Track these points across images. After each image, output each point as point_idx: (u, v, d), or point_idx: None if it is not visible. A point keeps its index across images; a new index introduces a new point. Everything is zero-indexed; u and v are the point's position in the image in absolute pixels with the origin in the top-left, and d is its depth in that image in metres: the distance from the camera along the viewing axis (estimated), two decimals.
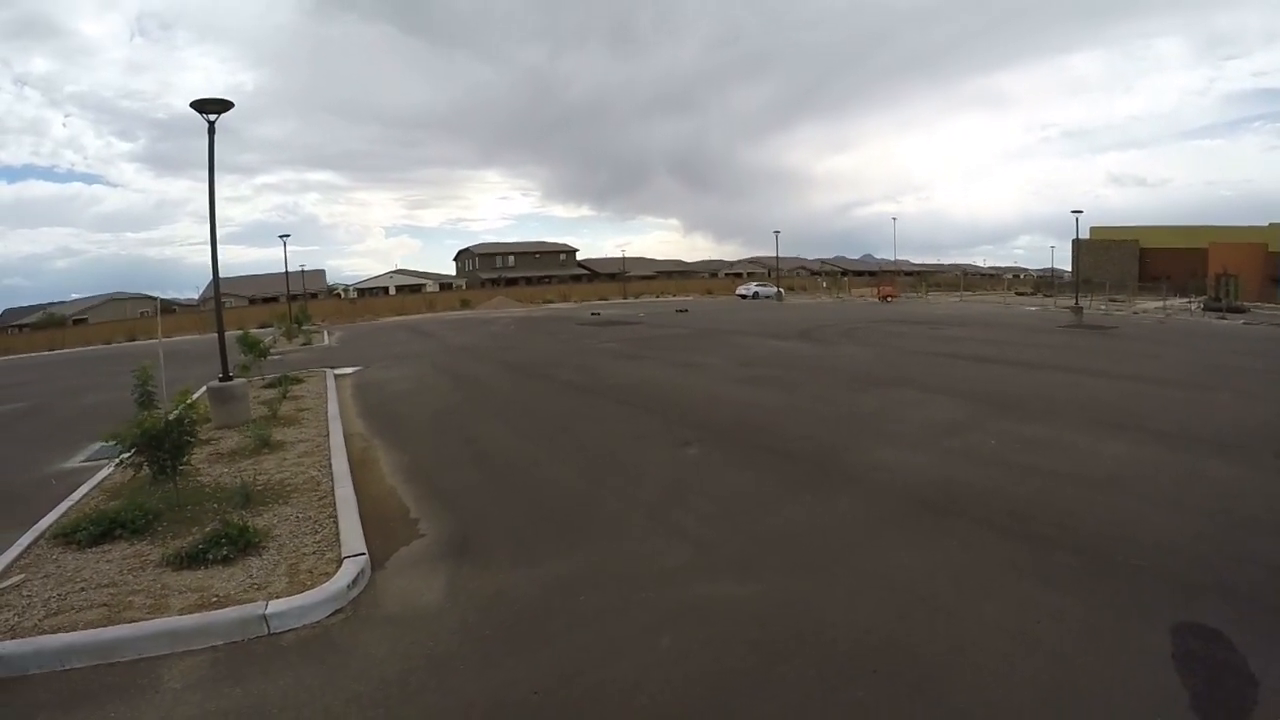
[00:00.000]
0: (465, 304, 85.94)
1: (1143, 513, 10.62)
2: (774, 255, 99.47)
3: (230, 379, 17.07)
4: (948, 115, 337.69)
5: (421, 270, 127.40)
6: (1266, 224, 78.99)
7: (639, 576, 8.40)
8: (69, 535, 9.35)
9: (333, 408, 18.12)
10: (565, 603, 7.75)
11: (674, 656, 6.65)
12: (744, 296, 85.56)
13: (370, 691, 6.07)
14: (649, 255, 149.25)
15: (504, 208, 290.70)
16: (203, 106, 16.21)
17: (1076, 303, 55.12)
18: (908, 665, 6.57)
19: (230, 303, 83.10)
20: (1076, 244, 73.35)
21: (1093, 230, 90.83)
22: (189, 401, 13.28)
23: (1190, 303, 63.61)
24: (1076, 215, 64.78)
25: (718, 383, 22.43)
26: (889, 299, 79.36)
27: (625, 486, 11.91)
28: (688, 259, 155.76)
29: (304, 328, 51.81)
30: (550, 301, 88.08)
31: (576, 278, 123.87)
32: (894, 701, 6.00)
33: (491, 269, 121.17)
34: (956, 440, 14.66)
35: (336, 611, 7.49)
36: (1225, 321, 50.54)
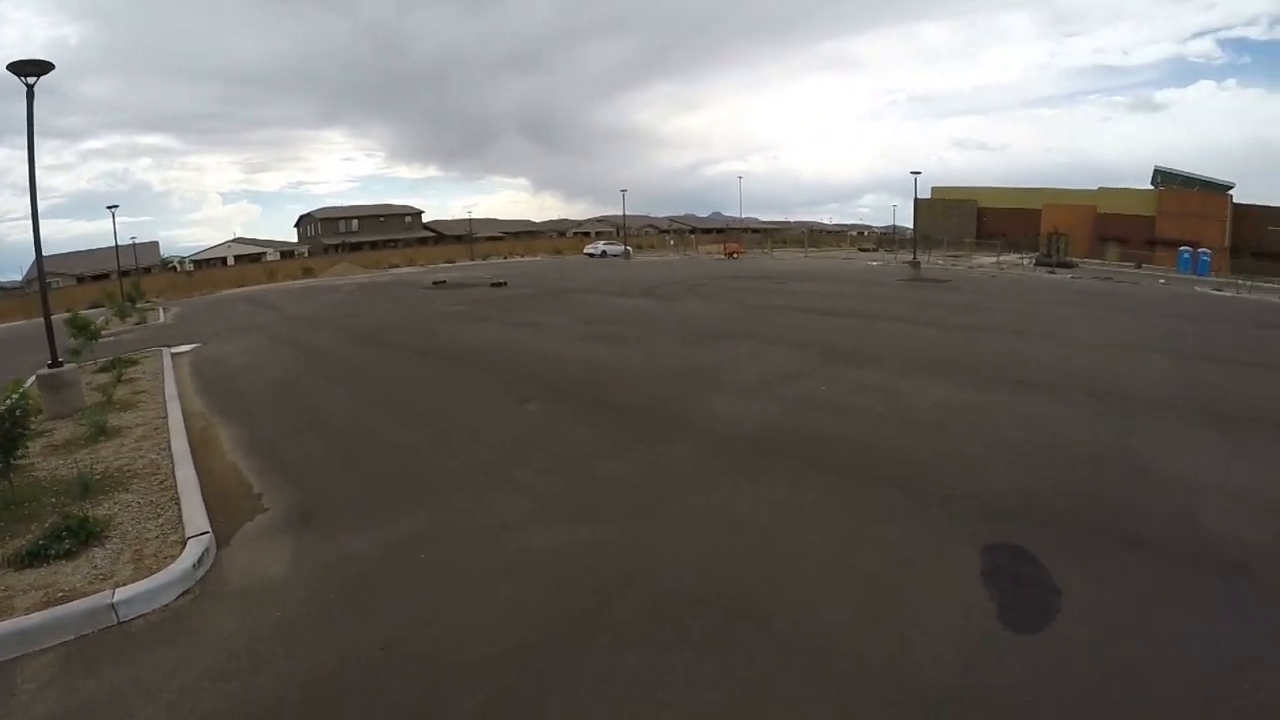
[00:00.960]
0: (308, 272, 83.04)
1: (960, 448, 11.56)
2: (622, 214, 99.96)
3: (60, 365, 16.08)
4: (798, 77, 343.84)
5: (262, 238, 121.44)
6: (1096, 188, 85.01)
7: (478, 531, 8.74)
8: None
9: (170, 388, 17.50)
10: (407, 562, 8.01)
11: (512, 603, 7.03)
12: (592, 255, 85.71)
13: (221, 665, 6.16)
14: (497, 216, 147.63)
15: (347, 170, 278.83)
16: (21, 69, 14.79)
17: (915, 258, 57.69)
18: (734, 597, 7.14)
19: (57, 282, 77.23)
20: (917, 203, 76.82)
21: (933, 190, 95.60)
22: (21, 392, 12.76)
23: (1023, 258, 68.44)
24: (916, 175, 67.63)
25: (560, 341, 22.74)
26: (735, 256, 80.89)
27: (465, 446, 12.16)
28: (536, 219, 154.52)
29: (138, 305, 49.11)
30: (395, 266, 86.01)
31: (423, 240, 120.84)
32: (721, 629, 6.56)
33: (334, 234, 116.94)
34: (789, 388, 15.45)
35: (184, 592, 7.48)
36: (1055, 275, 54.51)
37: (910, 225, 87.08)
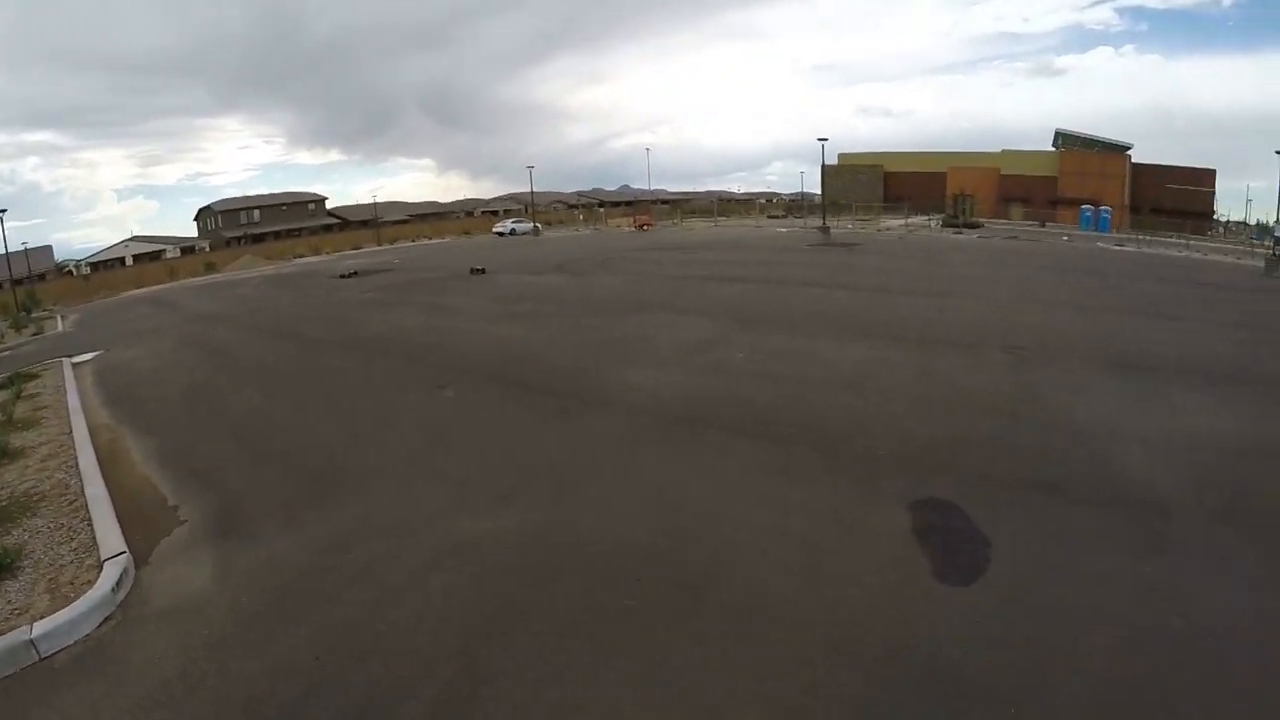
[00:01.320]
0: (210, 267, 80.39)
1: (881, 408, 11.85)
2: (529, 191, 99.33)
3: None
4: (704, 48, 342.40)
5: (161, 235, 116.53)
6: (1000, 150, 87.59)
7: (404, 523, 8.65)
8: None
9: (73, 400, 16.81)
10: (335, 561, 7.85)
11: (447, 596, 6.98)
12: (501, 234, 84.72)
13: (152, 693, 5.92)
14: (403, 199, 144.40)
15: (246, 158, 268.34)
16: None
17: (824, 223, 58.79)
18: (669, 569, 7.24)
19: None
20: (825, 169, 78.04)
21: (840, 156, 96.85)
22: None
23: (930, 220, 70.47)
24: (823, 142, 69.01)
25: (473, 323, 22.55)
26: (645, 228, 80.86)
27: (384, 437, 12.02)
28: (443, 200, 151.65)
29: (34, 315, 46.59)
30: (301, 255, 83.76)
31: (328, 228, 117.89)
32: (659, 603, 6.65)
33: (236, 226, 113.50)
34: (707, 357, 15.63)
35: (106, 619, 7.12)
36: (961, 236, 56.22)
37: (818, 191, 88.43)
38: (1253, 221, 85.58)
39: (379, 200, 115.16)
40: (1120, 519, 8.05)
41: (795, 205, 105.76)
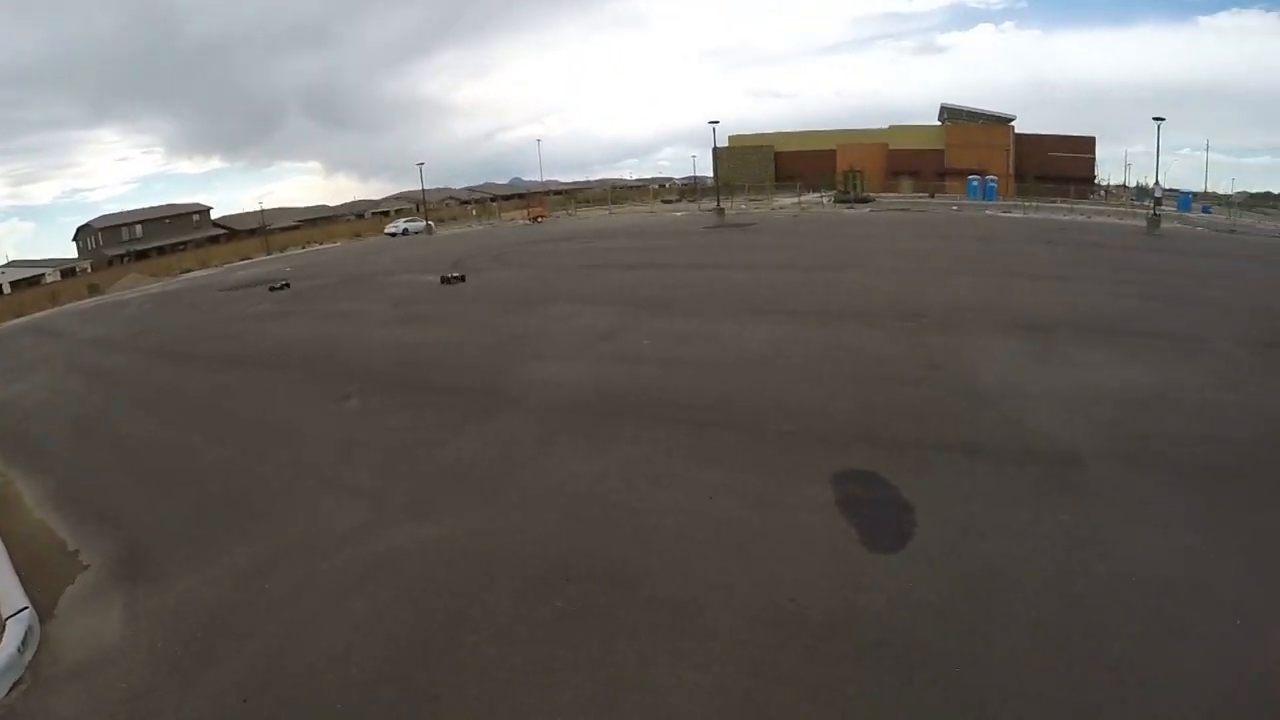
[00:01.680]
0: (94, 289, 76.92)
1: (790, 384, 12.06)
2: (421, 189, 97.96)
3: None
4: (592, 35, 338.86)
5: (39, 258, 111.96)
6: (888, 126, 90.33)
7: (320, 545, 8.38)
8: None
9: None
10: (252, 593, 7.56)
11: (373, 618, 6.80)
12: (393, 235, 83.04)
13: None
14: (291, 204, 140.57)
15: (125, 171, 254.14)
16: None
17: (719, 205, 59.17)
18: (599, 565, 7.26)
19: None
20: (716, 152, 78.85)
21: (731, 139, 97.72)
22: None
23: (822, 197, 71.78)
24: (714, 125, 69.75)
25: (371, 329, 21.91)
26: (539, 220, 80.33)
27: (291, 455, 11.66)
28: (333, 203, 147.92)
29: None
30: (189, 270, 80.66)
31: (214, 239, 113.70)
32: (593, 602, 6.66)
33: (118, 243, 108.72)
34: (613, 346, 15.66)
35: (15, 684, 6.59)
36: (853, 211, 57.58)
37: (711, 174, 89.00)
38: (1132, 184, 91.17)
39: (266, 208, 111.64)
40: (1035, 473, 8.41)
41: (689, 189, 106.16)
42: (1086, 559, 6.68)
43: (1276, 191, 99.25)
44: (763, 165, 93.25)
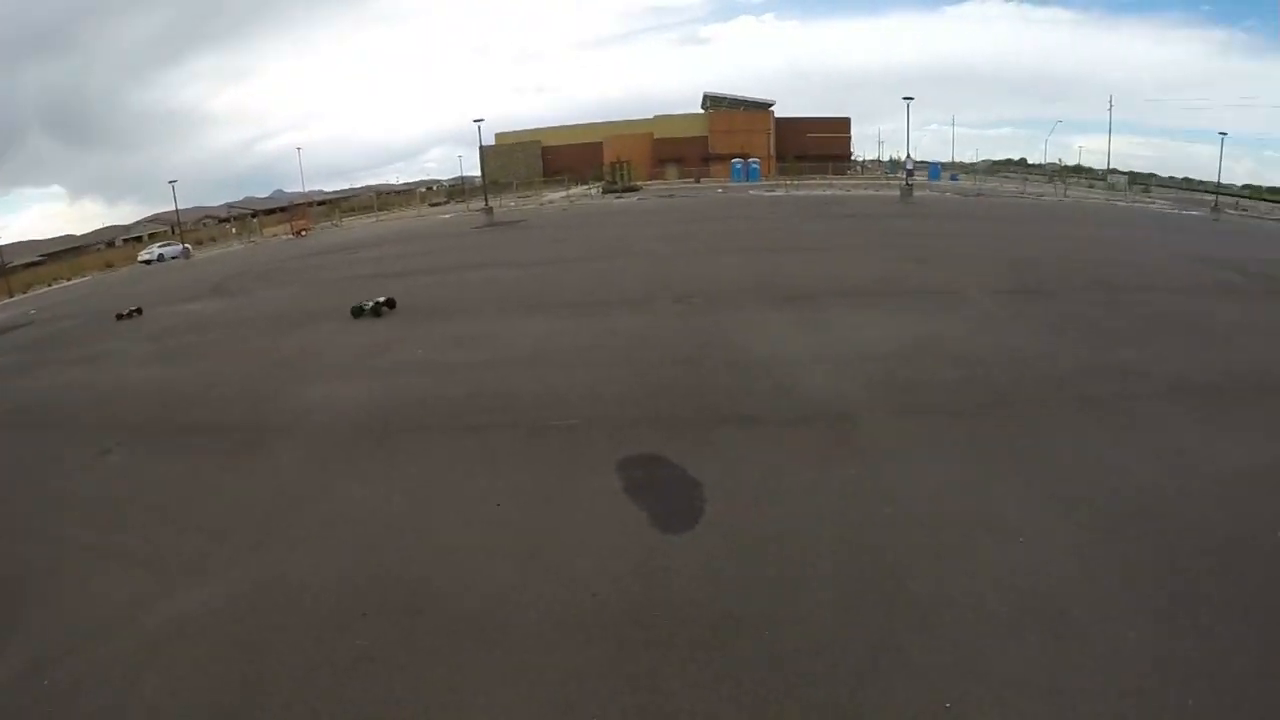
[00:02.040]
0: None
1: (569, 376, 12.15)
2: (174, 209, 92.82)
3: None
4: (351, 35, 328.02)
5: None
6: (653, 116, 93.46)
7: (100, 624, 7.29)
8: None
9: None
10: (29, 691, 6.41)
11: (169, 694, 6.04)
12: (148, 262, 77.69)
13: None
14: (32, 237, 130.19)
15: None
16: None
17: (487, 204, 58.83)
18: (394, 593, 6.91)
19: None
20: (483, 150, 78.21)
21: (497, 136, 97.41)
22: None
23: (591, 189, 73.13)
24: (479, 123, 68.65)
25: (124, 370, 19.40)
26: (304, 233, 77.12)
27: (48, 523, 10.07)
28: (79, 232, 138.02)
29: None
30: None
31: None
32: (392, 632, 6.33)
33: None
34: (385, 359, 15.16)
35: None
36: (622, 200, 59.01)
37: (479, 174, 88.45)
38: (885, 159, 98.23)
39: (5, 243, 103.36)
40: (815, 433, 8.80)
41: (456, 190, 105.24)
42: (872, 507, 7.03)
43: (1015, 158, 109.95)
44: (530, 161, 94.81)
